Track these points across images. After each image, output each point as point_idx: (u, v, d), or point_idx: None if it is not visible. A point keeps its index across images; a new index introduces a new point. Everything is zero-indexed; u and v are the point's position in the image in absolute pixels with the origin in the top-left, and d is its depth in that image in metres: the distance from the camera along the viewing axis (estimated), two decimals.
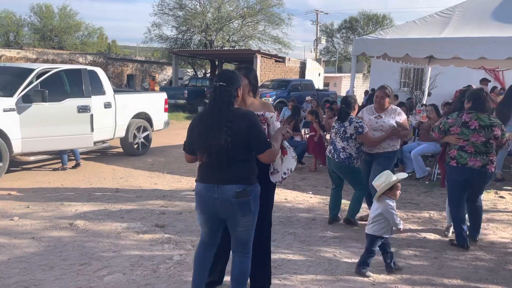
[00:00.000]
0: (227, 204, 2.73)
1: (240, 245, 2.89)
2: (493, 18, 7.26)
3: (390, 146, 4.79)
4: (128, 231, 4.57)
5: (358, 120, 4.70)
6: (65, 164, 7.40)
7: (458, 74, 15.91)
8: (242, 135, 2.68)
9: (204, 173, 2.81)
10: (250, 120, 2.71)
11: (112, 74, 26.47)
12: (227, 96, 2.73)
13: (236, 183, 2.71)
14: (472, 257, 4.10)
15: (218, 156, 2.69)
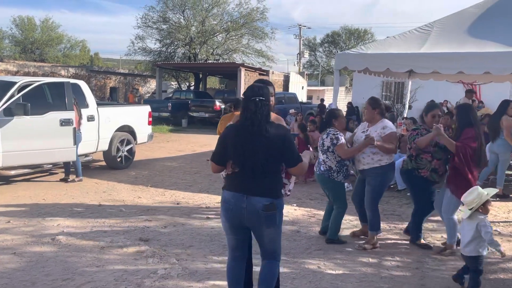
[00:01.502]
0: (255, 215, 2.82)
1: (266, 254, 3.00)
2: (469, 34, 7.50)
3: (375, 162, 4.50)
4: (112, 245, 4.52)
5: (334, 132, 4.65)
6: (79, 175, 7.47)
7: (438, 88, 16.28)
8: (277, 148, 2.80)
9: (234, 182, 2.88)
10: (284, 134, 2.86)
11: (95, 87, 26.27)
12: (266, 110, 2.83)
13: (265, 196, 2.81)
14: (453, 267, 4.18)
15: (252, 168, 2.79)
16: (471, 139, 4.24)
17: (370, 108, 4.64)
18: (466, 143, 4.24)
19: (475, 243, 3.54)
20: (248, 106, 2.82)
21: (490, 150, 7.12)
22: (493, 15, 7.77)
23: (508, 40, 6.75)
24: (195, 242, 4.67)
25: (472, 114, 4.38)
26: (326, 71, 47.49)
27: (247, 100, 2.84)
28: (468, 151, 4.20)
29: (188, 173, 8.60)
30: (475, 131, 4.24)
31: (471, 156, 4.21)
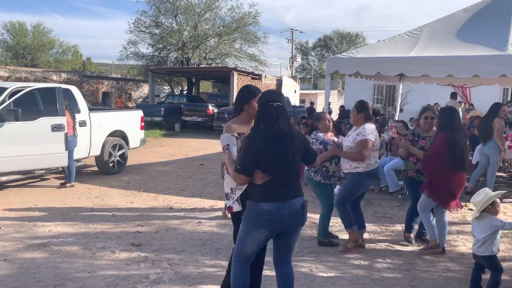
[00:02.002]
0: (296, 216, 2.90)
1: (289, 254, 3.08)
2: (458, 38, 7.61)
3: (352, 168, 4.51)
4: (104, 250, 4.52)
5: (314, 135, 4.69)
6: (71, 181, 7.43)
7: (429, 91, 16.45)
8: (301, 150, 2.97)
9: (270, 191, 2.85)
10: (303, 136, 3.08)
11: (87, 92, 26.20)
12: (287, 115, 2.92)
13: (299, 195, 2.95)
14: (443, 268, 4.23)
15: (288, 172, 2.86)
16: (442, 145, 4.31)
17: (355, 112, 4.61)
18: (435, 151, 4.37)
19: (488, 243, 3.57)
20: (269, 112, 2.85)
21: (480, 152, 7.20)
22: (481, 19, 7.89)
23: (496, 44, 6.85)
24: (187, 247, 4.68)
25: (452, 118, 4.40)
26: (319, 74, 47.75)
27: (265, 105, 2.88)
28: (436, 159, 4.30)
29: (181, 177, 8.60)
30: (447, 136, 4.28)
31: (440, 160, 4.28)
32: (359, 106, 4.60)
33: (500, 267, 3.62)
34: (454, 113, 4.50)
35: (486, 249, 3.59)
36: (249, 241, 2.94)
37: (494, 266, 3.62)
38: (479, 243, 3.61)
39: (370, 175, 4.57)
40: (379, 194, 7.25)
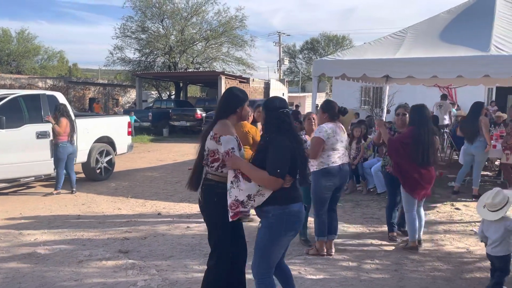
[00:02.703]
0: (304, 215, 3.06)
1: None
2: (442, 39, 7.69)
3: (311, 167, 4.45)
4: (90, 258, 4.46)
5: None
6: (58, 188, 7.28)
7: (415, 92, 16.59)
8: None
9: (295, 193, 2.94)
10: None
11: (74, 98, 25.97)
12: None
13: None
14: (430, 267, 4.26)
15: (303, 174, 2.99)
16: (406, 136, 4.56)
17: (321, 111, 4.58)
18: (399, 138, 4.65)
19: (504, 243, 3.59)
20: (283, 118, 2.91)
21: (465, 152, 7.30)
22: (464, 21, 7.99)
23: (478, 45, 6.93)
24: (176, 252, 4.64)
25: (420, 114, 4.58)
26: (307, 77, 47.96)
27: (277, 112, 2.91)
28: (399, 146, 4.56)
29: (169, 183, 8.55)
30: (414, 130, 4.51)
31: (404, 150, 4.51)
32: (324, 106, 4.60)
33: (509, 269, 3.62)
34: (423, 110, 4.66)
35: (502, 249, 3.60)
36: (277, 249, 2.91)
37: (506, 266, 3.63)
38: (496, 244, 3.61)
39: (324, 174, 4.39)
40: (367, 195, 7.29)
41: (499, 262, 3.63)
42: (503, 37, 6.88)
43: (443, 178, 8.59)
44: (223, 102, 3.17)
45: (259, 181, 2.81)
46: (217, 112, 3.18)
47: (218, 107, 3.19)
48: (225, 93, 3.21)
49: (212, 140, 3.01)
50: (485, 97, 18.07)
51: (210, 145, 3.03)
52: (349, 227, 5.55)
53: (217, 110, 3.20)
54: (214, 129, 3.04)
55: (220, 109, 3.15)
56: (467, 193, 7.28)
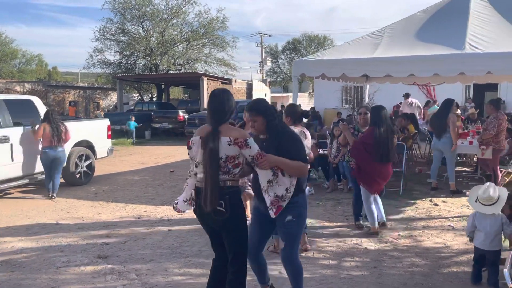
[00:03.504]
0: None
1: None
2: (418, 38, 7.80)
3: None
4: (69, 265, 4.39)
5: None
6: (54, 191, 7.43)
7: (395, 90, 16.82)
8: None
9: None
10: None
11: (53, 102, 25.54)
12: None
13: None
14: (409, 263, 4.32)
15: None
16: (367, 137, 4.95)
17: (284, 116, 4.58)
18: (361, 139, 5.07)
19: (499, 237, 3.72)
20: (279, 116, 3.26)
21: (434, 147, 7.48)
22: (440, 20, 8.13)
23: (454, 43, 7.06)
24: (156, 256, 4.60)
25: (379, 115, 4.94)
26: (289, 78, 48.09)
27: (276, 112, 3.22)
28: (361, 147, 4.91)
29: (150, 186, 8.47)
30: (374, 130, 4.88)
31: (366, 150, 4.88)
32: (287, 110, 4.68)
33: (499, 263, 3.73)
34: (382, 111, 4.99)
35: (498, 243, 3.72)
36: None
37: (497, 260, 3.73)
38: (491, 238, 3.71)
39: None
40: (348, 193, 7.34)
41: (494, 256, 3.72)
42: (477, 36, 7.02)
43: (423, 174, 8.74)
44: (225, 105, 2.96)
45: (298, 171, 3.08)
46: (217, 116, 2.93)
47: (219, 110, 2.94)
48: (223, 96, 2.99)
49: (233, 146, 2.84)
50: (462, 95, 18.43)
51: (230, 151, 2.85)
52: (330, 225, 5.58)
53: (218, 114, 2.93)
54: (231, 134, 2.86)
55: (222, 112, 2.94)
56: (446, 189, 7.40)
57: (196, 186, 3.00)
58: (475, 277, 3.86)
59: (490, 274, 3.76)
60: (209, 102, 3.00)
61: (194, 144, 2.98)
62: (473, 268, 3.89)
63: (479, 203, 3.77)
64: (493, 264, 3.74)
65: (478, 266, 3.85)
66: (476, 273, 3.86)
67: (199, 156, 2.92)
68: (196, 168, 2.98)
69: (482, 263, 3.82)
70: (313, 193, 7.22)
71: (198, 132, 3.04)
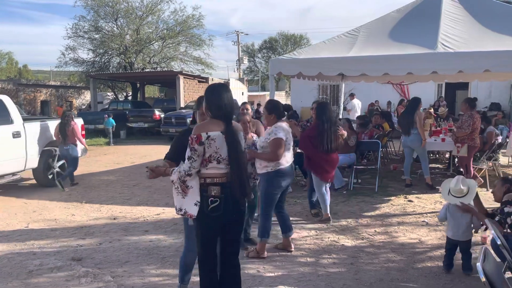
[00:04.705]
0: None
1: None
2: (392, 38, 7.93)
3: (262, 168, 4.38)
4: (41, 268, 4.27)
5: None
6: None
7: (370, 89, 17.12)
8: None
9: None
10: None
11: (24, 101, 24.84)
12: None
13: None
14: (385, 259, 4.39)
15: None
16: (312, 130, 5.48)
17: (266, 113, 4.49)
18: (307, 133, 5.58)
19: (469, 227, 3.96)
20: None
21: (404, 144, 7.70)
22: (413, 19, 8.28)
23: (426, 43, 7.20)
24: (132, 257, 4.53)
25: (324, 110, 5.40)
26: (266, 76, 48.20)
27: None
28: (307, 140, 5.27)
29: (126, 186, 8.34)
30: (318, 124, 5.34)
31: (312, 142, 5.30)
32: (270, 107, 4.50)
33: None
34: (326, 107, 5.51)
35: (469, 233, 3.98)
36: None
37: (469, 248, 4.02)
38: (463, 229, 3.94)
39: (279, 174, 4.36)
40: None
41: (466, 245, 3.98)
42: (449, 35, 7.19)
43: (397, 171, 8.89)
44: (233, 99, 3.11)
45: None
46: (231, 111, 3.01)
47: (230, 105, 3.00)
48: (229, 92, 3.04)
49: (244, 140, 3.20)
50: (435, 93, 18.87)
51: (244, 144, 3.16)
52: (307, 223, 5.62)
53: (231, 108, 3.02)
54: (240, 129, 3.12)
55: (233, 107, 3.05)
56: (420, 186, 7.56)
57: (216, 182, 2.90)
58: (448, 265, 4.06)
59: (464, 260, 4.01)
60: (220, 96, 2.95)
61: (214, 139, 2.87)
62: (446, 257, 4.10)
63: (451, 195, 3.97)
64: (465, 252, 4.00)
65: (450, 255, 4.06)
66: (448, 262, 4.06)
67: (224, 152, 2.91)
68: (218, 164, 2.90)
69: (454, 252, 4.04)
70: (290, 191, 7.23)
71: (209, 126, 2.90)
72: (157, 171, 3.13)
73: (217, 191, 2.89)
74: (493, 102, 18.02)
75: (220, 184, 2.91)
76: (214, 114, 2.94)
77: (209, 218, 2.91)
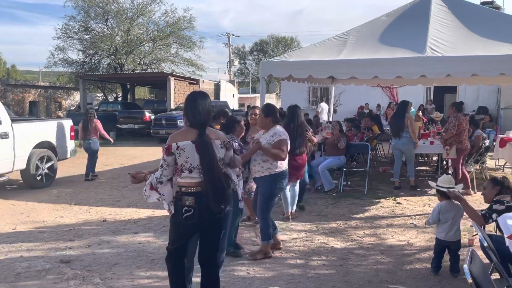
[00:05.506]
0: None
1: None
2: (382, 41, 8.01)
3: (265, 170, 4.39)
4: (29, 270, 4.23)
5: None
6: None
7: (359, 92, 17.25)
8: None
9: None
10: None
11: (12, 101, 24.56)
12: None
13: None
14: (374, 261, 4.42)
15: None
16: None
17: (262, 116, 4.53)
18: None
19: (458, 227, 4.06)
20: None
21: (394, 147, 7.77)
22: (402, 23, 8.38)
23: (415, 47, 7.29)
24: (121, 259, 4.51)
25: (294, 114, 5.49)
26: (257, 78, 48.21)
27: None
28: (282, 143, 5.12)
29: (115, 188, 8.29)
30: (290, 128, 5.27)
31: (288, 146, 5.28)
32: (266, 110, 4.53)
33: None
34: (297, 110, 5.56)
35: (459, 233, 4.07)
36: None
37: (459, 248, 4.09)
38: (456, 228, 4.02)
39: (282, 176, 4.49)
40: (314, 193, 7.44)
41: (457, 246, 4.04)
42: (437, 40, 7.28)
43: (386, 174, 8.97)
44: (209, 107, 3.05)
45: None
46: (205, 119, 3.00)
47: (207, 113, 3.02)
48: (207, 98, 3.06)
49: (223, 148, 3.08)
50: (424, 96, 19.07)
51: (220, 153, 3.05)
52: (297, 225, 5.64)
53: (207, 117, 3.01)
54: (219, 137, 3.08)
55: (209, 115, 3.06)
56: (408, 188, 7.63)
57: (190, 192, 2.93)
58: (436, 267, 4.09)
59: (453, 262, 4.04)
60: (195, 104, 2.98)
61: (184, 149, 2.90)
62: (435, 259, 4.13)
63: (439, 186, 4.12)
64: (455, 253, 4.05)
65: (440, 257, 4.10)
66: (437, 264, 4.10)
67: (195, 161, 2.91)
68: (190, 173, 2.93)
69: (443, 254, 4.10)
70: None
71: (180, 136, 2.96)
72: (138, 177, 3.17)
73: (191, 201, 2.93)
74: (480, 105, 18.27)
75: (194, 194, 2.93)
76: (190, 122, 2.98)
77: (183, 224, 2.99)
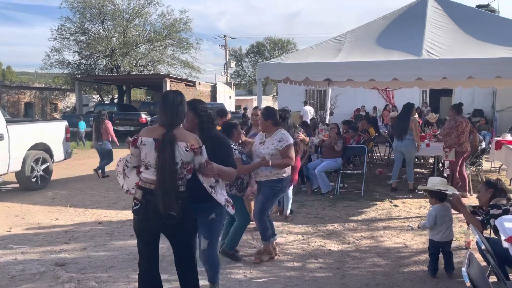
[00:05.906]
0: None
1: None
2: (378, 44, 8.02)
3: (273, 175, 4.34)
4: (24, 273, 4.19)
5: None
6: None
7: (356, 94, 17.28)
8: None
9: None
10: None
11: (7, 103, 24.45)
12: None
13: None
14: (371, 264, 4.41)
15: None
16: None
17: (262, 119, 4.46)
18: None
19: (451, 228, 4.10)
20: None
21: (396, 149, 7.74)
22: (399, 26, 8.40)
23: (411, 49, 7.31)
24: (117, 262, 4.47)
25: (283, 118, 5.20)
26: (253, 80, 48.35)
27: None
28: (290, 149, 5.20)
29: (111, 190, 8.24)
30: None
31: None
32: (266, 113, 4.46)
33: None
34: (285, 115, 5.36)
35: (452, 233, 4.12)
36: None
37: (450, 248, 4.14)
38: (450, 229, 4.08)
39: (289, 180, 4.55)
40: (311, 195, 7.43)
41: (449, 246, 4.10)
42: (434, 42, 7.30)
43: (383, 176, 8.98)
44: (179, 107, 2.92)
45: (230, 177, 3.32)
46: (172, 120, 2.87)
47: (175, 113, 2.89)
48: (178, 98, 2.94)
49: (189, 152, 2.84)
50: (419, 99, 19.11)
51: (186, 157, 2.84)
52: (294, 228, 5.63)
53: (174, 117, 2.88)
54: (187, 140, 2.85)
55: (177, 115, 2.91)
56: (405, 191, 7.64)
57: (142, 186, 2.91)
58: (433, 270, 4.09)
59: (448, 262, 4.07)
60: (164, 104, 2.92)
61: (145, 145, 2.86)
62: (431, 262, 4.13)
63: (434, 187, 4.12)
64: (448, 252, 4.09)
65: (435, 259, 4.11)
66: (434, 266, 4.10)
67: (152, 159, 2.84)
68: (146, 170, 2.89)
69: (438, 255, 4.11)
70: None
71: (147, 132, 2.94)
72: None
73: (139, 195, 2.91)
74: (476, 108, 18.33)
75: (144, 189, 2.89)
76: (160, 120, 2.95)
77: (135, 218, 3.04)
